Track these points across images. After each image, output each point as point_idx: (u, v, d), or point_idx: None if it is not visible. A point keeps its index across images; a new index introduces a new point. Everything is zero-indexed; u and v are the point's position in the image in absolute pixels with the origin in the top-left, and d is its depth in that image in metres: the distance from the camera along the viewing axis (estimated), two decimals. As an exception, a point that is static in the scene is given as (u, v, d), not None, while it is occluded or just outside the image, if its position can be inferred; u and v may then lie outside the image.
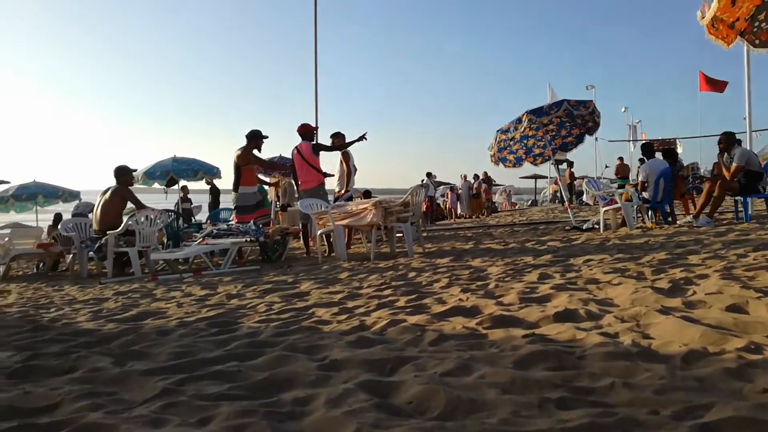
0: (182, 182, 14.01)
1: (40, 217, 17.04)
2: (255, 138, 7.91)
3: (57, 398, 2.02)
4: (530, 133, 10.67)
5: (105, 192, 7.45)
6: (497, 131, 10.45)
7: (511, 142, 10.85)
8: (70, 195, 15.10)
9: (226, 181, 14.07)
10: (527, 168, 12.57)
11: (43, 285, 6.80)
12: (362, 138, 7.93)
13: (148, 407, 1.87)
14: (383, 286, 4.29)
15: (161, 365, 2.40)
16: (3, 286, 7.04)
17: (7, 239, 9.67)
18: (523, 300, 3.28)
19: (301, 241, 8.73)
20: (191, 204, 16.99)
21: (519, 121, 9.84)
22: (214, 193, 15.11)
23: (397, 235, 7.32)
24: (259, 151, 8.09)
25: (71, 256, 8.47)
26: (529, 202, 31.31)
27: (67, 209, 14.68)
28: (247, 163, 7.84)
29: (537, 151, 11.34)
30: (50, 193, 14.98)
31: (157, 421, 1.72)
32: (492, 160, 11.07)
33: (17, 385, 2.23)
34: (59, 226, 9.41)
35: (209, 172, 13.68)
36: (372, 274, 5.13)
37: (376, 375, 2.06)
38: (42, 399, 2.03)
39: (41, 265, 9.60)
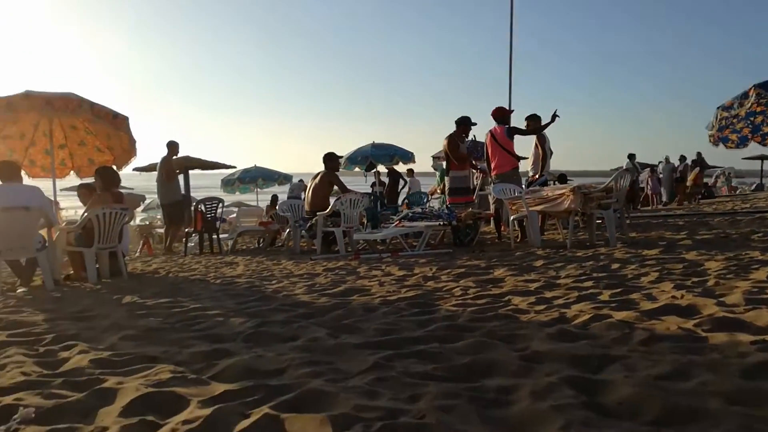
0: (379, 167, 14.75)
1: (260, 198, 19.26)
2: (463, 124, 8.03)
3: (283, 363, 2.29)
4: (758, 110, 9.37)
5: (315, 176, 8.15)
6: (718, 108, 9.31)
7: (735, 120, 9.62)
8: (285, 178, 16.90)
9: (414, 165, 14.59)
10: (752, 148, 11.02)
11: (264, 259, 7.67)
12: (555, 117, 7.61)
13: (363, 379, 2.04)
14: (583, 277, 4.11)
15: (370, 340, 2.60)
16: (232, 258, 8.10)
17: (233, 216, 11.11)
18: (750, 301, 2.91)
19: (492, 226, 8.69)
20: (385, 188, 17.83)
21: (745, 96, 8.65)
22: (394, 175, 15.67)
23: (597, 221, 6.93)
24: (467, 136, 8.19)
25: (286, 233, 9.45)
26: (753, 186, 27.45)
27: (281, 191, 16.39)
28: (455, 148, 7.96)
29: (766, 129, 9.90)
30: (268, 177, 16.87)
31: (372, 394, 1.87)
32: (711, 141, 9.92)
33: (251, 349, 2.58)
34: (277, 207, 10.54)
35: (404, 157, 14.23)
36: (570, 263, 4.94)
37: (582, 371, 1.99)
38: (271, 363, 2.32)
39: (261, 240, 10.85)
